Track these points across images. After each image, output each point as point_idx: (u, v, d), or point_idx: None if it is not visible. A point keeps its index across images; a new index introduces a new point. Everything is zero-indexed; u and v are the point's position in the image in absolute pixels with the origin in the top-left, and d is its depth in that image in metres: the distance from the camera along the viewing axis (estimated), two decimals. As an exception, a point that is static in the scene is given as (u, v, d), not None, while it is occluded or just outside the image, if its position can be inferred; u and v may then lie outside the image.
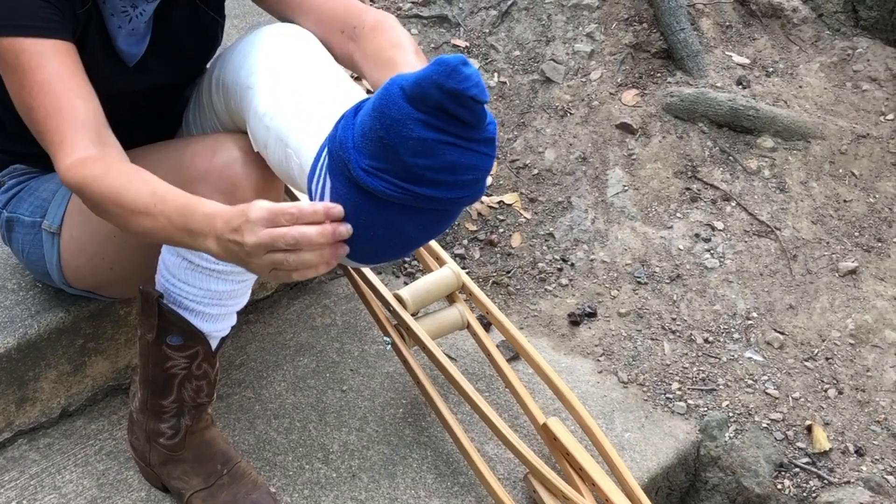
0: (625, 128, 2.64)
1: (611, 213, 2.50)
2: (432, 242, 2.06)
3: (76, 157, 1.34)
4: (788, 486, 2.01)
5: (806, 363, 2.19)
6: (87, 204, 1.35)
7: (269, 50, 1.48)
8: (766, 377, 2.16)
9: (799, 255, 2.39)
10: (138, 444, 1.71)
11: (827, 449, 2.03)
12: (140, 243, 1.54)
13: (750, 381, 2.15)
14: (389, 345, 1.90)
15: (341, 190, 1.14)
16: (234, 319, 1.61)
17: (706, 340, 2.24)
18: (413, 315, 1.93)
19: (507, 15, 2.92)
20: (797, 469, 2.03)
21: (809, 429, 2.07)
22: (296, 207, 1.13)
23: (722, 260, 2.39)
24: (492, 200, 2.58)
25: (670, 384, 2.15)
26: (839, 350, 2.21)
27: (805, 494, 2.00)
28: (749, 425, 2.08)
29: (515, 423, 1.96)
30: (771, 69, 2.72)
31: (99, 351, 1.85)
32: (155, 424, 1.65)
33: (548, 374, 1.89)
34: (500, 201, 2.58)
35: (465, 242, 2.52)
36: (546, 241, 2.50)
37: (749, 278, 2.35)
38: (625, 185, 2.55)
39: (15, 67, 1.36)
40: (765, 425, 2.08)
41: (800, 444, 2.05)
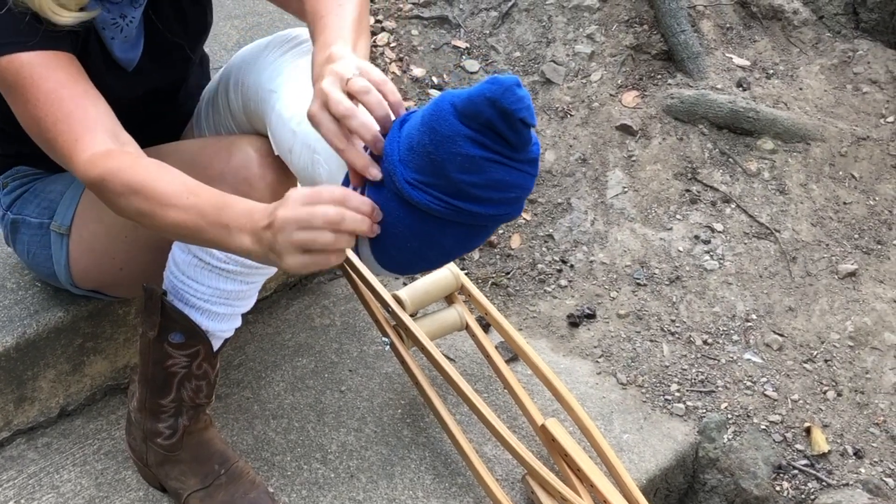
0: (625, 129, 2.64)
1: (610, 215, 2.50)
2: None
3: (95, 149, 1.31)
4: (787, 488, 2.01)
5: (805, 365, 2.19)
6: (107, 197, 1.30)
7: (294, 54, 1.49)
8: (765, 379, 2.16)
9: (798, 257, 2.39)
10: (136, 444, 1.71)
11: (826, 451, 2.03)
12: (151, 243, 1.54)
13: (749, 383, 2.15)
14: (388, 345, 1.91)
15: (381, 200, 1.15)
16: (238, 322, 1.61)
17: (705, 342, 2.24)
18: (412, 316, 1.93)
19: (507, 16, 2.92)
20: (796, 471, 2.02)
21: (808, 431, 2.07)
22: (342, 190, 1.11)
23: (721, 262, 2.39)
24: (491, 201, 2.58)
25: (669, 386, 2.15)
26: (838, 352, 2.21)
27: (804, 496, 2.00)
28: (748, 427, 2.08)
29: (514, 424, 1.96)
30: (771, 71, 2.72)
31: (98, 350, 1.85)
32: (152, 424, 1.65)
33: (546, 376, 1.89)
34: (500, 202, 2.58)
35: (465, 243, 2.52)
36: (545, 242, 2.50)
37: (748, 280, 2.35)
38: (624, 187, 2.55)
39: (17, 84, 1.34)
40: (763, 427, 2.08)
41: (798, 446, 2.05)
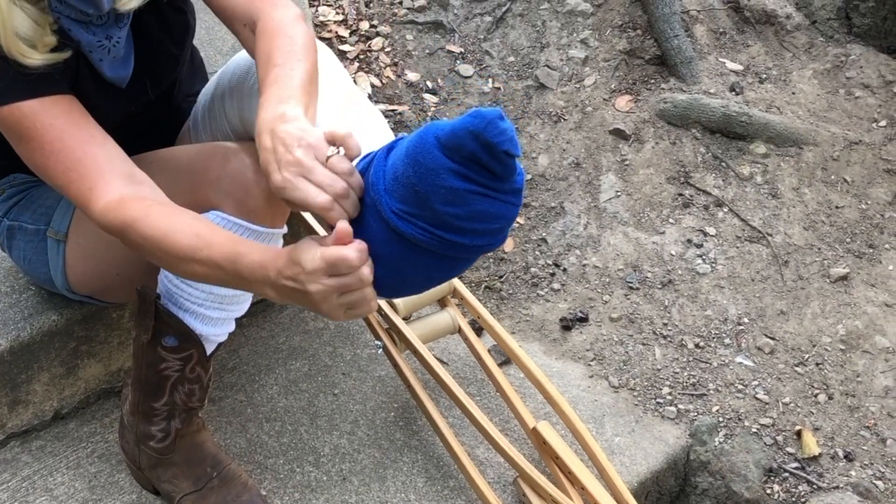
0: (618, 133, 2.65)
1: (603, 219, 2.51)
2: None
3: (111, 197, 1.32)
4: (778, 491, 2.02)
5: (796, 368, 2.20)
6: (127, 244, 1.33)
7: None
8: (756, 382, 2.17)
9: (790, 261, 2.40)
10: (129, 447, 1.72)
11: (816, 454, 2.04)
12: None
13: (740, 387, 2.16)
14: (381, 349, 1.91)
15: (373, 224, 1.16)
16: (232, 326, 1.62)
17: (697, 345, 2.25)
18: (405, 319, 1.94)
19: (501, 21, 2.93)
20: (787, 474, 2.03)
21: (799, 434, 2.08)
22: (353, 254, 1.13)
23: (714, 265, 2.40)
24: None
25: (661, 389, 2.16)
26: (830, 356, 2.22)
27: (794, 499, 2.00)
28: (739, 430, 2.08)
29: (506, 428, 1.97)
30: (764, 76, 2.74)
31: (91, 354, 1.86)
32: (145, 427, 1.65)
33: (538, 379, 1.90)
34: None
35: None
36: (539, 246, 2.51)
37: (741, 284, 2.36)
38: (618, 191, 2.56)
39: (21, 134, 1.34)
40: (755, 430, 2.09)
41: (789, 450, 2.06)
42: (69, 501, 1.72)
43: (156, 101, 1.63)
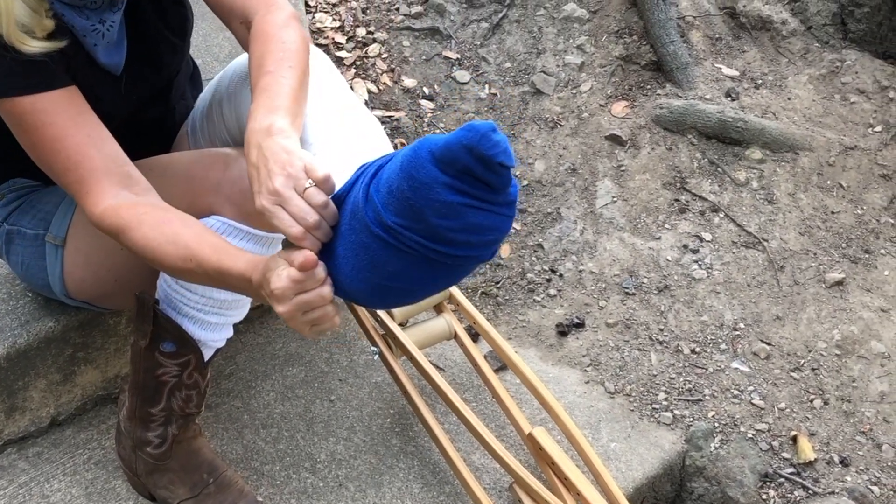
0: (614, 139, 2.66)
1: (600, 224, 2.52)
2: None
3: (105, 204, 1.36)
4: (773, 497, 2.02)
5: (792, 374, 2.21)
6: (124, 247, 1.38)
7: None
8: (752, 388, 2.17)
9: (786, 267, 2.40)
10: (125, 453, 1.72)
11: (812, 459, 2.05)
12: None
13: (736, 392, 2.17)
14: (377, 355, 1.92)
15: (365, 237, 1.18)
16: (230, 332, 1.62)
17: (693, 351, 2.26)
18: (401, 325, 1.95)
19: (498, 27, 2.94)
20: (782, 479, 2.04)
21: (795, 439, 2.08)
22: (318, 271, 1.18)
23: (710, 271, 2.40)
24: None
25: (657, 394, 2.17)
26: (825, 361, 2.22)
27: (790, 504, 2.01)
28: (735, 435, 2.09)
29: (502, 433, 1.98)
30: (760, 81, 2.74)
31: (88, 360, 1.86)
32: (142, 433, 1.66)
33: (534, 385, 1.90)
34: (491, 212, 2.59)
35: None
36: (535, 251, 2.52)
37: (736, 289, 2.37)
38: (614, 197, 2.56)
39: (22, 127, 1.37)
40: (750, 436, 2.09)
41: (785, 455, 2.07)
42: (66, 508, 1.73)
43: (154, 97, 1.64)
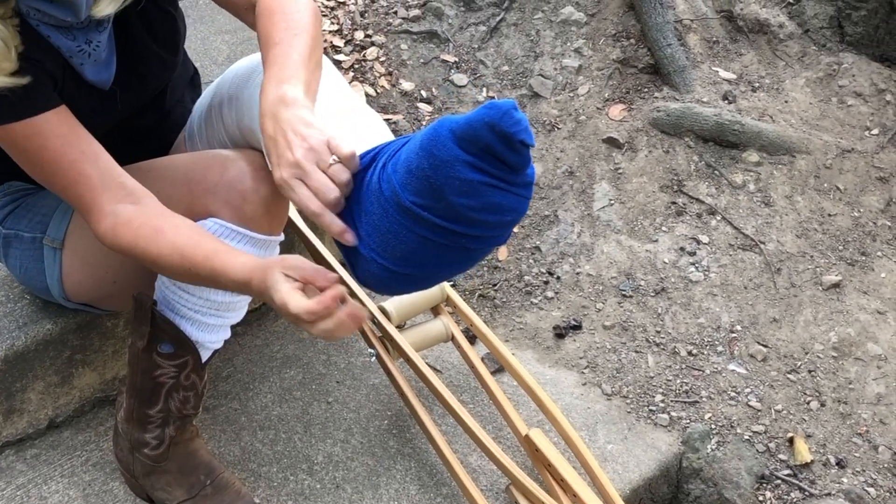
0: (611, 142, 2.66)
1: (597, 227, 2.53)
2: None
3: (106, 223, 1.39)
4: (770, 498, 2.02)
5: (789, 376, 2.21)
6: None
7: None
8: (749, 389, 2.18)
9: (783, 269, 2.41)
10: (123, 454, 1.72)
11: (809, 461, 2.05)
12: None
13: (733, 394, 2.17)
14: (374, 357, 1.92)
15: (378, 219, 1.18)
16: (227, 333, 1.63)
17: (690, 353, 2.26)
18: (398, 327, 1.95)
19: (496, 31, 2.95)
20: (779, 481, 2.04)
21: (791, 441, 2.08)
22: (331, 298, 1.18)
23: (706, 273, 2.41)
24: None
25: (654, 396, 2.17)
26: (822, 363, 2.23)
27: (787, 506, 2.01)
28: (731, 437, 2.09)
29: (499, 435, 1.98)
30: (757, 84, 2.75)
31: (86, 362, 1.87)
32: (139, 434, 1.66)
33: (531, 387, 1.90)
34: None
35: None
36: (532, 254, 2.52)
37: (733, 291, 2.37)
38: (611, 199, 2.57)
39: (16, 151, 1.39)
40: (747, 437, 2.09)
41: (782, 456, 2.07)
42: (63, 510, 1.73)
43: (148, 107, 1.64)
